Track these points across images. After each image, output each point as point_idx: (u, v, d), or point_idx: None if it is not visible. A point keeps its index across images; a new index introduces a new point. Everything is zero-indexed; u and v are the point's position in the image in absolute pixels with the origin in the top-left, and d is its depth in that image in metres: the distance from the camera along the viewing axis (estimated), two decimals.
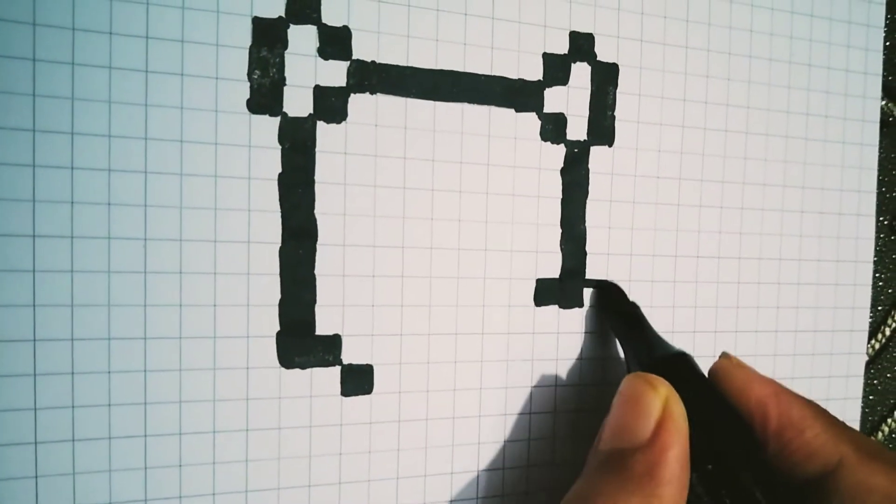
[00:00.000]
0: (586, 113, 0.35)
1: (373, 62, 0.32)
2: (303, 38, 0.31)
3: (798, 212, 0.40)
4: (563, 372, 0.35)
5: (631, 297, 0.36)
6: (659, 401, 0.25)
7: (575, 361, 0.36)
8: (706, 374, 0.30)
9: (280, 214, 0.31)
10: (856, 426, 0.41)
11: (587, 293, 0.36)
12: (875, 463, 0.25)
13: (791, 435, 0.27)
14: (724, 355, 0.31)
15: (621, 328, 0.34)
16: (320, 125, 0.31)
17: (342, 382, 0.32)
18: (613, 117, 0.36)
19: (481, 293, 0.34)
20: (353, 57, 0.32)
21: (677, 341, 0.37)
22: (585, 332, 0.36)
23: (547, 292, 0.35)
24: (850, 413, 0.41)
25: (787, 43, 0.39)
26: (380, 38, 0.32)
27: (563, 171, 0.35)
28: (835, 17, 0.40)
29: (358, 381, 0.32)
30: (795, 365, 0.40)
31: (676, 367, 0.29)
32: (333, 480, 0.32)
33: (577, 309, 0.36)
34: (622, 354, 0.35)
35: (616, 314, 0.35)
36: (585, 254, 0.36)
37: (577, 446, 0.36)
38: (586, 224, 0.36)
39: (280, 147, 0.31)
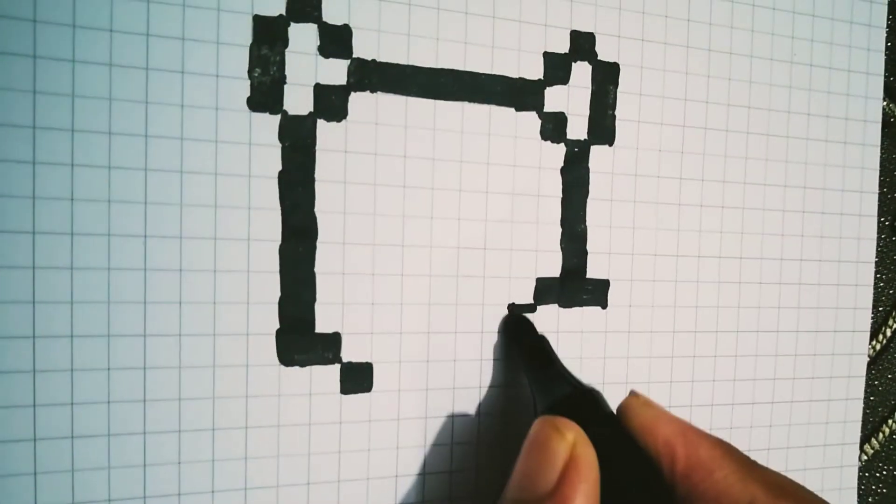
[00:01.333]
0: (587, 112, 0.35)
1: (373, 61, 0.32)
2: (303, 37, 0.31)
3: (799, 212, 0.39)
4: None
5: (537, 326, 0.34)
6: (565, 447, 0.23)
7: (575, 361, 0.35)
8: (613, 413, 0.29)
9: (280, 212, 0.31)
10: (857, 427, 0.41)
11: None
12: (786, 503, 0.25)
13: (699, 476, 0.25)
14: (632, 393, 0.29)
15: (529, 361, 0.32)
16: (320, 123, 0.31)
17: (342, 380, 0.32)
18: (614, 117, 0.36)
19: (481, 292, 0.34)
20: (354, 55, 0.32)
21: (679, 342, 0.37)
22: (494, 360, 0.35)
23: (547, 291, 0.35)
24: (851, 414, 0.41)
25: (788, 43, 0.39)
26: (380, 36, 0.32)
27: (563, 171, 0.35)
28: (836, 17, 0.40)
29: (357, 379, 0.32)
30: (797, 365, 0.40)
31: (585, 405, 0.28)
32: (332, 478, 0.32)
33: (576, 308, 0.35)
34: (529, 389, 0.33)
35: (524, 346, 0.33)
36: (586, 253, 0.36)
37: None
38: (587, 223, 0.35)
39: (280, 145, 0.31)
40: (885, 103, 0.41)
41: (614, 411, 0.29)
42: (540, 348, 0.33)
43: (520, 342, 0.34)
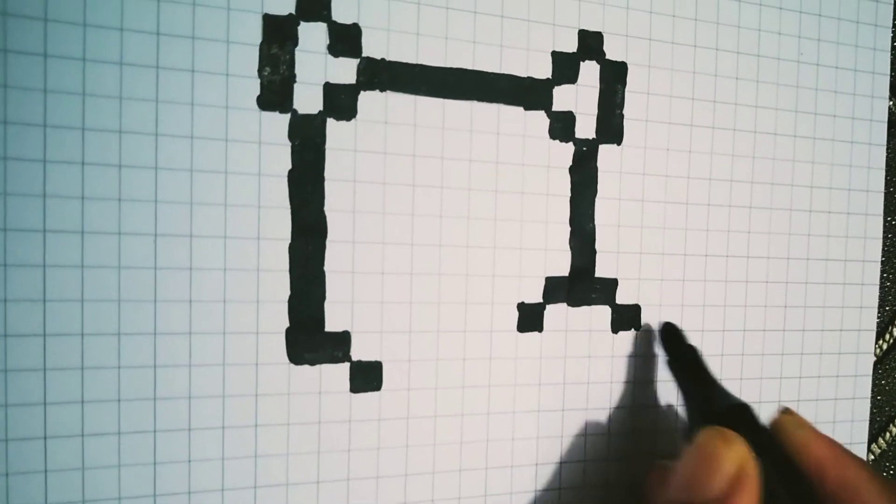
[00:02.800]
0: (595, 111, 0.35)
1: (382, 59, 0.32)
2: (313, 35, 0.31)
3: (806, 211, 0.39)
4: (571, 370, 0.35)
5: (687, 340, 0.36)
6: (734, 458, 0.25)
7: (584, 360, 0.35)
8: (767, 427, 0.31)
9: (290, 211, 0.31)
10: (864, 427, 0.41)
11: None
12: None
13: (847, 496, 0.28)
14: (786, 411, 0.32)
15: (681, 373, 0.34)
16: (330, 122, 0.31)
17: (351, 379, 0.32)
18: (622, 116, 0.36)
19: (490, 290, 0.34)
20: (363, 54, 0.32)
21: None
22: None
23: (556, 290, 0.35)
24: (858, 413, 0.41)
25: (795, 42, 0.39)
26: (390, 35, 0.32)
27: (571, 170, 0.35)
28: (843, 16, 0.40)
29: (367, 377, 0.32)
30: (803, 364, 0.40)
31: (740, 418, 0.30)
32: (342, 476, 0.32)
33: (584, 307, 0.35)
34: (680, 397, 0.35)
35: (675, 358, 0.35)
36: (594, 252, 0.36)
37: (585, 444, 0.36)
38: (595, 222, 0.36)
39: (290, 144, 0.31)
40: (891, 103, 0.41)
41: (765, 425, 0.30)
42: (695, 359, 0.34)
43: (673, 352, 0.35)
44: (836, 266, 0.40)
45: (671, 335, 0.36)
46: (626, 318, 0.36)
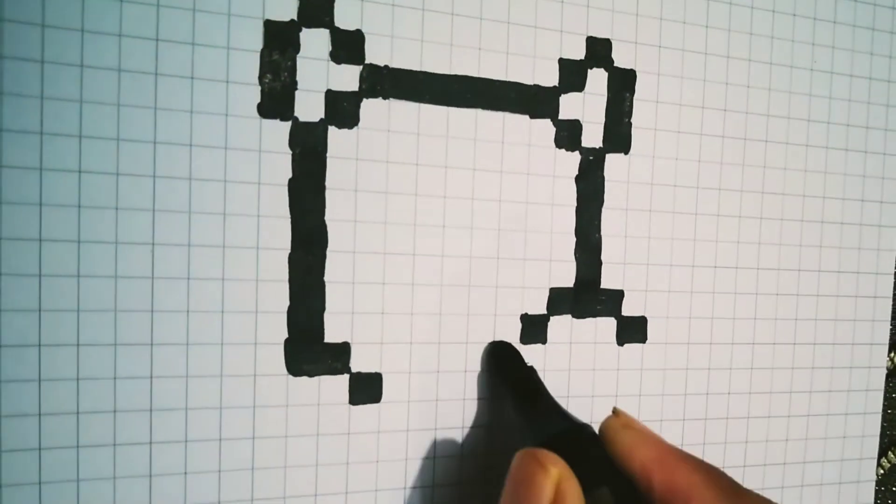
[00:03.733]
0: (602, 120, 0.35)
1: (386, 67, 0.31)
2: (315, 42, 0.30)
3: (818, 222, 0.39)
4: (575, 383, 0.35)
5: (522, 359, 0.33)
6: (550, 482, 0.23)
7: (589, 372, 0.35)
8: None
9: (290, 220, 0.30)
10: (875, 442, 0.41)
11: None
12: None
13: None
14: (614, 412, 0.28)
15: (516, 395, 0.31)
16: (332, 130, 0.31)
17: (350, 391, 0.32)
18: (630, 124, 0.35)
19: (493, 302, 0.33)
20: (366, 61, 0.31)
21: (694, 353, 0.36)
22: (478, 399, 0.33)
23: (561, 302, 0.34)
24: (869, 428, 0.40)
25: (808, 50, 0.38)
26: (393, 42, 0.31)
27: (577, 179, 0.34)
28: (858, 23, 0.39)
29: (366, 389, 0.32)
30: (814, 378, 0.39)
31: (578, 439, 0.27)
32: (340, 490, 0.31)
33: (590, 319, 0.35)
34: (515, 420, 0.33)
35: (511, 380, 0.32)
36: (600, 263, 0.35)
37: None
38: (601, 233, 0.35)
39: (291, 152, 0.30)
40: None
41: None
42: (529, 381, 0.32)
43: (506, 375, 0.33)
44: (848, 278, 0.40)
45: (507, 355, 0.33)
46: (632, 330, 0.36)
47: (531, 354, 0.34)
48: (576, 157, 0.34)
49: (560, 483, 0.23)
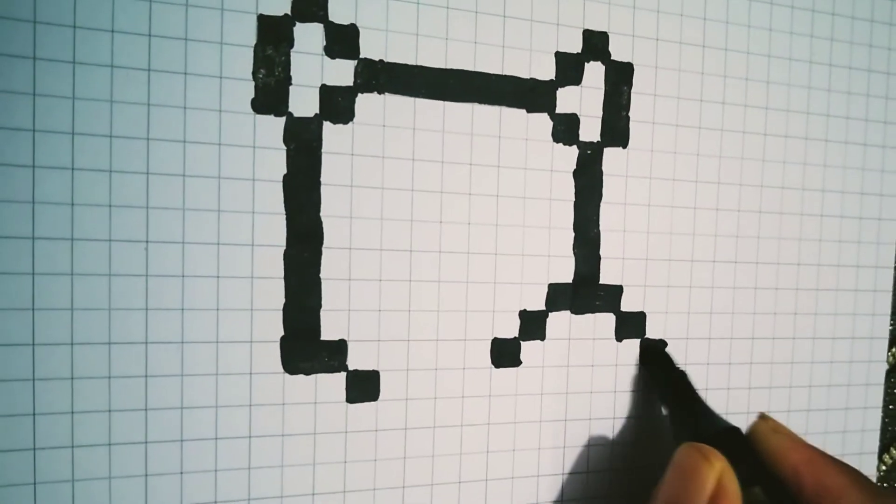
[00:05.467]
0: (600, 113, 0.34)
1: (381, 61, 0.31)
2: (309, 37, 0.30)
3: (817, 216, 0.38)
4: (574, 379, 0.34)
5: (677, 362, 0.35)
6: (714, 475, 0.25)
7: (587, 368, 0.35)
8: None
9: (285, 217, 0.30)
10: (875, 437, 0.40)
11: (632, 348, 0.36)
12: None
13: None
14: (762, 416, 0.31)
15: (670, 397, 0.34)
16: (327, 125, 0.30)
17: (347, 389, 0.31)
18: (628, 118, 0.35)
19: (492, 298, 0.33)
20: (361, 56, 0.31)
21: (692, 348, 0.36)
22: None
23: (559, 297, 0.34)
24: (869, 423, 0.40)
25: (807, 42, 0.38)
26: (388, 36, 0.31)
27: (575, 174, 0.34)
28: (857, 15, 0.39)
29: (364, 387, 0.31)
30: (813, 373, 0.39)
31: (730, 442, 0.29)
32: (338, 489, 0.31)
33: (588, 315, 0.35)
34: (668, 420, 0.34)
35: (665, 382, 0.34)
36: (599, 258, 0.35)
37: (588, 454, 0.35)
38: (600, 227, 0.35)
39: (285, 148, 0.30)
40: None
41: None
42: (684, 384, 0.33)
43: (662, 376, 0.35)
44: (847, 272, 0.39)
45: (660, 358, 0.35)
46: (630, 325, 0.35)
47: (530, 351, 0.34)
48: (573, 151, 0.34)
49: (721, 476, 0.25)
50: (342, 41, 0.30)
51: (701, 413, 0.31)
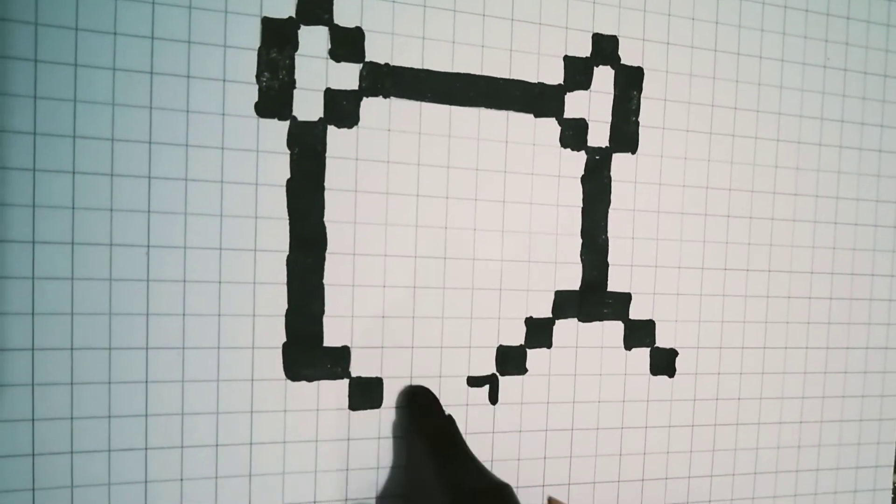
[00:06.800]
0: (609, 118, 0.34)
1: (386, 65, 0.31)
2: (314, 40, 0.30)
3: (831, 223, 0.38)
4: (581, 388, 0.34)
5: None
6: None
7: (595, 377, 0.34)
8: None
9: (288, 222, 0.30)
10: (891, 449, 0.40)
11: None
12: None
13: None
14: (550, 501, 0.30)
15: (434, 446, 0.29)
16: (331, 129, 0.30)
17: (350, 396, 0.31)
18: (637, 123, 0.34)
19: (497, 305, 0.33)
20: (366, 59, 0.30)
21: (702, 357, 0.36)
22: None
23: (566, 305, 0.34)
24: (885, 435, 0.39)
25: (821, 47, 0.37)
26: (394, 39, 0.31)
27: (583, 179, 0.34)
28: (873, 19, 0.38)
29: (366, 394, 0.31)
30: (826, 383, 0.38)
31: (496, 500, 0.26)
32: (340, 497, 0.31)
33: (596, 323, 0.34)
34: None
35: (427, 428, 0.30)
36: (607, 265, 0.34)
37: (595, 465, 0.34)
38: (608, 234, 0.34)
39: (289, 152, 0.30)
40: None
41: None
42: (451, 431, 0.30)
43: (425, 422, 0.31)
44: (862, 281, 0.39)
45: (425, 401, 0.31)
46: (639, 334, 0.35)
47: (536, 359, 0.33)
48: (582, 156, 0.34)
49: None
50: (347, 44, 0.30)
51: (467, 465, 0.28)
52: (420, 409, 0.31)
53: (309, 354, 0.30)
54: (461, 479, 0.27)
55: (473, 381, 0.32)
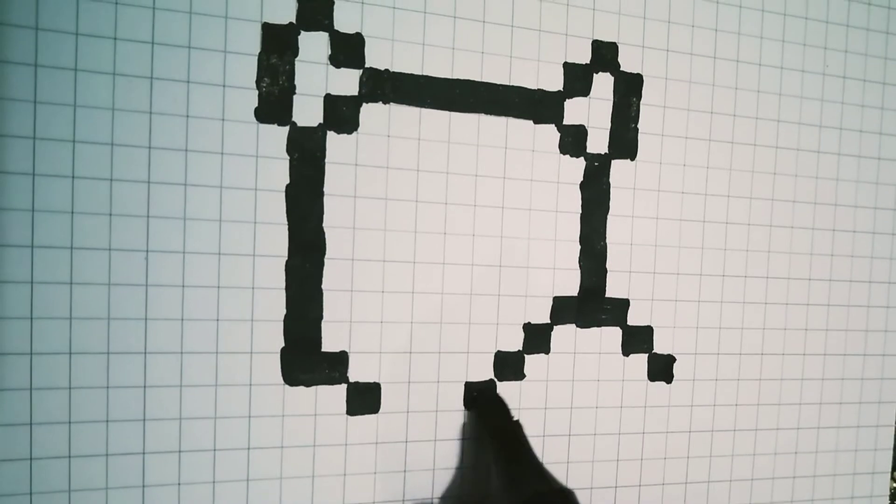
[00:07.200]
0: (608, 125, 0.34)
1: (386, 70, 0.31)
2: (314, 45, 0.30)
3: (829, 230, 0.38)
4: (579, 394, 0.34)
5: (513, 414, 0.32)
6: None
7: (593, 383, 0.34)
8: None
9: (287, 227, 0.30)
10: (888, 456, 0.40)
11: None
12: None
13: None
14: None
15: (500, 450, 0.30)
16: (330, 135, 0.30)
17: (348, 401, 0.31)
18: (636, 130, 0.34)
19: (496, 310, 0.33)
20: (366, 65, 0.31)
21: (700, 364, 0.36)
22: (463, 440, 0.32)
23: (565, 311, 0.34)
24: (882, 441, 0.39)
25: (820, 54, 0.37)
26: (394, 45, 0.31)
27: (582, 186, 0.34)
28: (872, 27, 0.38)
29: (364, 399, 0.31)
30: (824, 389, 0.38)
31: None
32: (337, 501, 0.31)
33: (594, 329, 0.34)
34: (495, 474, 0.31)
35: (496, 433, 0.31)
36: (606, 271, 0.34)
37: (593, 470, 0.34)
38: (606, 240, 0.34)
39: (288, 157, 0.30)
40: None
41: None
42: (514, 436, 0.31)
43: (494, 426, 0.31)
44: (860, 287, 0.39)
45: (494, 407, 0.32)
46: (637, 340, 0.35)
47: (534, 364, 0.33)
48: (581, 163, 0.34)
49: None
50: (347, 50, 0.30)
51: (533, 470, 0.29)
52: (489, 412, 0.32)
53: (307, 359, 0.30)
54: (527, 482, 0.28)
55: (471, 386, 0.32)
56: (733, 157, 0.36)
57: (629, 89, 0.34)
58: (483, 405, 0.32)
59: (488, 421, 0.31)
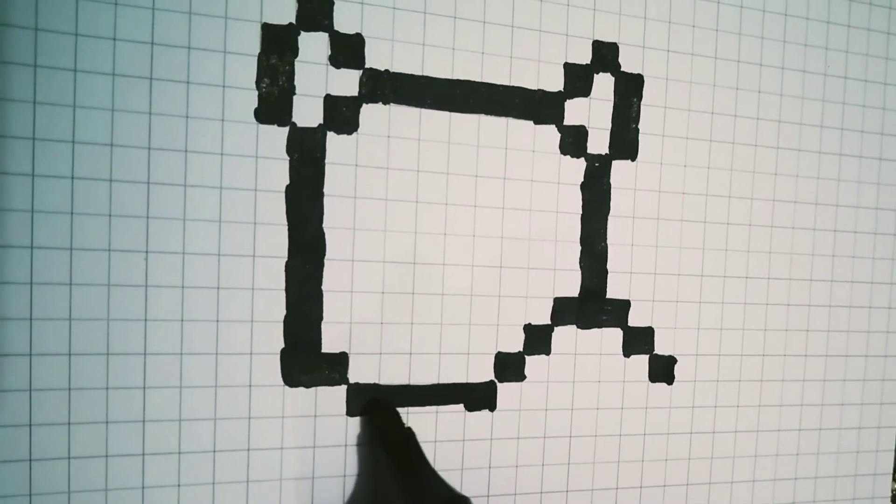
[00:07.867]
0: (609, 125, 0.34)
1: (386, 71, 0.31)
2: (314, 46, 0.30)
3: (831, 231, 0.38)
4: (579, 395, 0.34)
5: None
6: None
7: (594, 384, 0.34)
8: None
9: (287, 228, 0.30)
10: (890, 457, 0.40)
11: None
12: None
13: None
14: None
15: (392, 458, 0.29)
16: (330, 136, 0.30)
17: (348, 402, 0.31)
18: (637, 130, 0.34)
19: (496, 311, 0.33)
20: (366, 65, 0.30)
21: (702, 364, 0.36)
22: (357, 445, 0.31)
23: (565, 311, 0.34)
24: (884, 443, 0.39)
25: (822, 54, 0.37)
26: (394, 46, 0.31)
27: (583, 186, 0.34)
28: (873, 27, 0.38)
29: (364, 400, 0.31)
30: (826, 391, 0.38)
31: None
32: (337, 503, 0.31)
33: (595, 330, 0.34)
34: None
35: (387, 441, 0.30)
36: (606, 272, 0.34)
37: (594, 472, 0.34)
38: (607, 241, 0.34)
39: (288, 158, 0.30)
40: None
41: None
42: (411, 444, 0.30)
43: (385, 434, 0.31)
44: (861, 288, 0.39)
45: (385, 413, 0.31)
46: (638, 341, 0.35)
47: (535, 366, 0.33)
48: (581, 163, 0.34)
49: None
50: (347, 50, 0.30)
51: (427, 478, 0.28)
52: (380, 420, 0.31)
53: (307, 360, 0.30)
54: (420, 492, 0.27)
55: (473, 388, 0.32)
56: (734, 157, 0.36)
57: (630, 90, 0.34)
58: (377, 414, 0.31)
59: (384, 429, 0.30)
